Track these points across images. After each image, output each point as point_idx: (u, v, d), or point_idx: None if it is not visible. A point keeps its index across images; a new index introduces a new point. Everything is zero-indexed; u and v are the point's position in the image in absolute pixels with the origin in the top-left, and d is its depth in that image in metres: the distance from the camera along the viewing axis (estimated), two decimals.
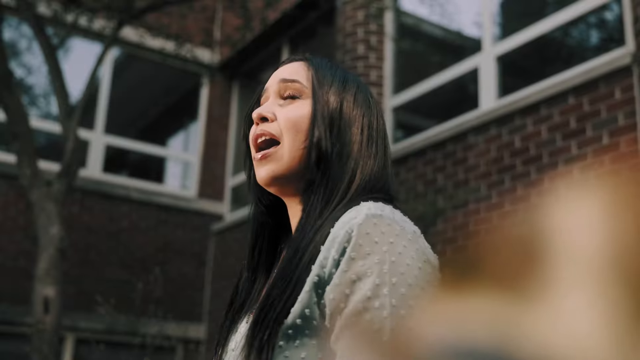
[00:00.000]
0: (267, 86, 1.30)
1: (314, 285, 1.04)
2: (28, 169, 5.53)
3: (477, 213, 5.48)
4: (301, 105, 1.23)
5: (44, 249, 5.38)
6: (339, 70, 1.30)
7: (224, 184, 9.46)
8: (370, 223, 1.03)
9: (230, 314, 1.27)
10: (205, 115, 9.61)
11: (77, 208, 8.17)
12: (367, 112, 1.26)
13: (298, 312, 1.04)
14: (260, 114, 1.24)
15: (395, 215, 1.08)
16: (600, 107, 4.83)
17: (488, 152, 5.55)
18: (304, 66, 1.29)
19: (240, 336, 1.17)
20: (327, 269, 1.04)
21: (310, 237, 1.10)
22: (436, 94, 6.56)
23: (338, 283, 1.01)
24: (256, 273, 1.30)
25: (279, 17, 8.30)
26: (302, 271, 1.06)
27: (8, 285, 7.61)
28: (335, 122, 1.21)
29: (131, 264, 8.39)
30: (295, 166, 1.20)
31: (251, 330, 1.07)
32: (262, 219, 1.33)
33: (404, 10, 7.58)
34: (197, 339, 8.62)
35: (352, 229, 1.03)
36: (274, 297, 1.07)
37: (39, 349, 5.19)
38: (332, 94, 1.24)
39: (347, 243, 1.03)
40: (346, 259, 1.02)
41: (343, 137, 1.21)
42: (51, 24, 7.20)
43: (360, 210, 1.07)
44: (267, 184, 1.24)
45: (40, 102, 9.00)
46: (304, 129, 1.21)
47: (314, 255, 1.07)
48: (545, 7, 6.35)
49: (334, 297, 1.01)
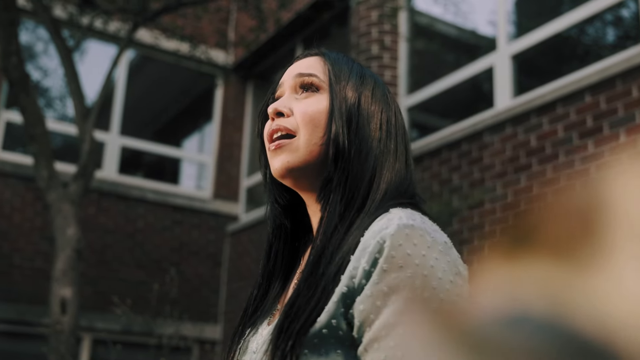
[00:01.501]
0: (282, 81, 1.27)
1: (342, 295, 1.02)
2: (45, 171, 5.56)
3: (492, 213, 5.46)
4: (318, 100, 1.20)
5: (60, 250, 5.41)
6: (356, 65, 1.28)
7: (239, 184, 9.47)
8: (402, 234, 1.01)
9: (245, 319, 1.25)
10: (219, 116, 9.63)
11: (93, 209, 8.21)
12: (385, 107, 1.22)
13: (324, 322, 1.02)
14: (276, 108, 1.21)
15: (425, 224, 1.05)
16: (617, 105, 4.80)
17: (504, 152, 5.53)
18: (320, 60, 1.26)
19: (262, 339, 1.15)
20: (357, 279, 1.02)
21: (336, 244, 1.08)
22: (451, 93, 6.54)
23: (369, 294, 0.99)
24: (272, 277, 1.28)
25: (293, 18, 8.30)
26: (329, 281, 1.04)
27: (26, 286, 7.66)
28: (354, 117, 1.18)
29: (147, 264, 8.42)
30: (311, 160, 1.17)
31: (275, 338, 1.05)
32: (279, 220, 1.29)
33: (418, 9, 7.57)
34: (213, 339, 8.64)
35: (384, 240, 1.01)
36: (299, 307, 1.05)
37: (56, 349, 5.22)
38: (350, 89, 1.21)
39: (379, 254, 1.01)
40: (378, 271, 1.00)
41: (361, 133, 1.17)
42: (67, 27, 7.25)
43: (391, 219, 1.04)
44: (281, 175, 1.20)
45: (56, 104, 9.05)
46: (321, 124, 1.18)
47: (343, 265, 1.05)
48: (560, 5, 6.32)
49: (364, 308, 0.99)
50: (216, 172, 9.40)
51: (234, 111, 9.71)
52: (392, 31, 7.04)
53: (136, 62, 9.58)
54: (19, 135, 8.04)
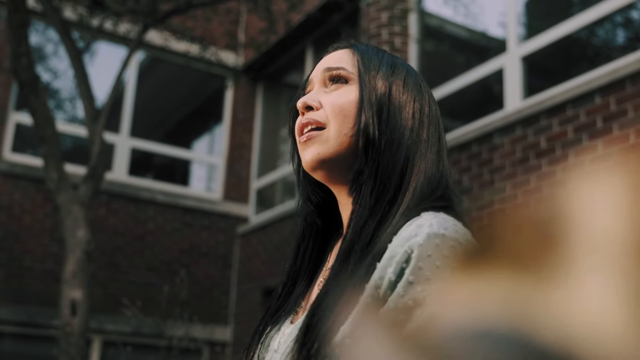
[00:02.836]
0: (311, 77, 1.25)
1: (366, 306, 0.98)
2: (55, 173, 5.57)
3: (502, 214, 5.44)
4: (348, 91, 1.18)
5: (70, 252, 5.42)
6: (386, 55, 1.24)
7: (249, 186, 9.48)
8: (432, 244, 0.96)
9: (266, 318, 1.22)
10: (229, 118, 9.64)
11: (103, 211, 8.23)
12: (418, 96, 1.19)
13: (348, 331, 0.97)
14: (305, 102, 1.19)
15: (458, 233, 1.00)
16: (627, 106, 4.78)
17: (514, 153, 5.51)
18: (349, 53, 1.23)
19: (284, 338, 1.13)
20: (382, 290, 0.97)
21: (366, 240, 1.05)
22: (461, 94, 6.53)
23: (393, 307, 0.95)
24: (298, 276, 1.25)
25: (303, 19, 8.31)
26: (357, 284, 1.00)
27: (36, 288, 7.68)
28: (385, 107, 1.15)
29: (157, 266, 8.43)
30: (342, 151, 1.14)
31: (301, 337, 1.01)
32: (310, 218, 1.27)
33: (428, 11, 7.55)
34: (223, 341, 8.65)
35: (412, 249, 0.96)
36: (326, 306, 1.01)
37: (67, 351, 5.23)
38: (380, 79, 1.18)
39: (406, 264, 0.96)
40: (404, 282, 0.95)
41: (393, 122, 1.14)
42: (77, 28, 7.27)
43: (421, 225, 0.99)
44: (312, 168, 1.17)
45: (66, 105, 9.08)
46: (351, 114, 1.15)
47: (369, 271, 1.00)
48: (570, 7, 6.29)
49: (387, 320, 0.93)
50: (226, 174, 9.41)
51: (244, 113, 9.72)
52: (402, 33, 7.03)
53: (146, 64, 9.61)
54: (29, 137, 8.07)
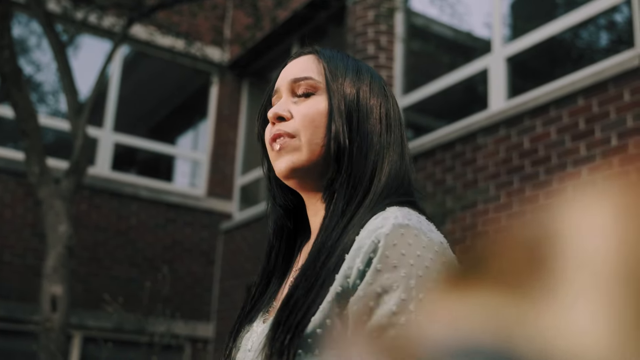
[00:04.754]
0: (277, 86, 1.25)
1: (336, 295, 1.00)
2: (36, 167, 5.53)
3: (485, 214, 5.47)
4: (317, 102, 1.19)
5: (52, 247, 5.38)
6: (351, 60, 1.26)
7: (233, 182, 9.46)
8: (397, 233, 1.00)
9: (241, 318, 1.24)
10: (214, 114, 9.62)
11: (85, 206, 8.19)
12: (383, 101, 1.22)
13: (319, 322, 1.00)
14: (276, 113, 1.19)
15: (422, 224, 1.04)
16: (610, 108, 4.81)
17: (497, 153, 5.54)
18: (314, 59, 1.24)
19: (257, 336, 1.14)
20: (351, 279, 1.00)
21: (335, 238, 1.07)
22: (446, 94, 6.55)
23: (362, 295, 0.98)
24: (271, 276, 1.27)
25: (289, 16, 8.30)
26: (327, 276, 1.03)
27: (16, 283, 7.63)
28: (354, 114, 1.17)
29: (139, 262, 8.40)
30: (314, 160, 1.16)
31: (272, 331, 1.04)
32: (281, 222, 1.29)
33: (414, 10, 7.57)
34: (205, 337, 8.63)
35: (379, 239, 1.00)
36: (297, 299, 1.04)
37: (47, 347, 5.20)
38: (347, 86, 1.19)
39: (373, 254, 0.99)
40: (372, 271, 0.98)
41: (362, 129, 1.17)
42: (61, 21, 7.22)
43: (386, 218, 1.03)
44: (286, 176, 1.19)
45: (49, 99, 9.02)
46: (322, 124, 1.17)
47: (339, 264, 1.03)
48: (555, 9, 6.33)
49: (357, 308, 0.98)
50: (210, 170, 9.38)
51: (229, 109, 9.70)
52: (388, 31, 7.04)
53: (131, 58, 9.57)
54: (10, 131, 8.02)
